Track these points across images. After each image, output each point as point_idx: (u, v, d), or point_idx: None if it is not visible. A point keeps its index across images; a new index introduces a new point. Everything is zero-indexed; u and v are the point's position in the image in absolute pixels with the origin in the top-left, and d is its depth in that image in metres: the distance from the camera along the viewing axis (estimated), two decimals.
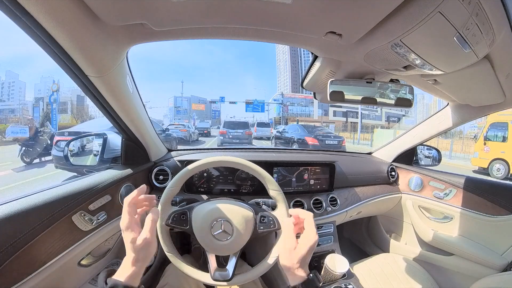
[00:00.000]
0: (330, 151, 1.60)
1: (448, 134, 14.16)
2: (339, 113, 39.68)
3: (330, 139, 9.56)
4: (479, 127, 11.53)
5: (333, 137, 10.05)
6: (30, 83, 79.83)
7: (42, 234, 0.59)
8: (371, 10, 0.47)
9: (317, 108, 39.76)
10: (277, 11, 0.50)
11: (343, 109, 38.46)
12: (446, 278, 1.24)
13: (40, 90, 65.75)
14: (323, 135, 9.71)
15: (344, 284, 1.02)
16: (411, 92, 0.78)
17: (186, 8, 0.49)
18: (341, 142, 9.77)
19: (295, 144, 9.47)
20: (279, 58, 76.47)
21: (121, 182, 0.88)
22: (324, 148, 8.13)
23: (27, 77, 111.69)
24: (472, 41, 0.50)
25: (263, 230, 0.74)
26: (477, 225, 1.16)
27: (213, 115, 68.66)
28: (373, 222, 1.73)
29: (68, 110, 42.07)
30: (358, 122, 25.18)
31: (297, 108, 41.49)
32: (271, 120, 29.29)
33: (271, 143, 12.80)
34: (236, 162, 0.73)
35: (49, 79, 63.77)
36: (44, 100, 30.59)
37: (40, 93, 62.50)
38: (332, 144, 9.35)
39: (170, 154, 1.20)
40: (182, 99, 61.70)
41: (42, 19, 0.44)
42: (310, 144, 8.86)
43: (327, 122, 33.39)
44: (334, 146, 9.30)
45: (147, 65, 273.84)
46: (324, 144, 9.05)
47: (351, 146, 16.06)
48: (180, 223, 0.72)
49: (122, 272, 0.50)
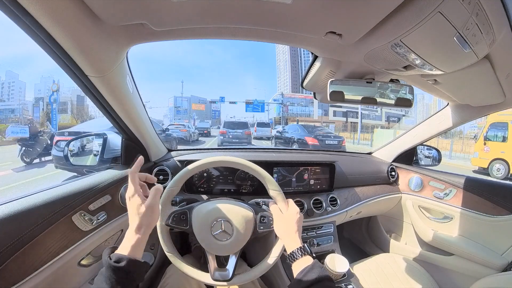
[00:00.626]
0: (330, 151, 1.60)
1: (448, 134, 14.11)
2: (339, 113, 39.71)
3: (330, 139, 9.66)
4: (479, 127, 11.44)
5: (333, 137, 10.15)
6: (30, 83, 79.87)
7: (42, 234, 0.59)
8: (371, 10, 0.47)
9: (317, 108, 39.76)
10: (277, 11, 0.50)
11: (343, 109, 38.43)
12: (446, 278, 1.24)
13: (40, 90, 65.79)
14: (323, 135, 9.82)
15: (344, 284, 1.02)
16: (411, 92, 0.78)
17: (186, 8, 0.49)
18: (341, 142, 9.85)
19: (295, 144, 9.60)
20: (279, 58, 76.33)
21: (121, 182, 0.88)
22: (324, 148, 8.25)
23: (27, 77, 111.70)
24: (472, 41, 0.50)
25: (263, 230, 0.74)
26: (477, 225, 1.16)
27: (213, 115, 68.71)
28: (373, 222, 1.73)
29: (68, 110, 41.99)
30: (358, 122, 25.17)
31: (297, 108, 41.51)
32: (271, 120, 29.32)
33: (271, 143, 12.91)
34: (237, 162, 0.73)
35: (49, 79, 63.78)
36: (44, 100, 30.48)
37: (40, 93, 62.56)
38: (332, 144, 9.45)
39: (170, 154, 1.20)
40: (182, 99, 61.51)
41: (42, 19, 0.43)
42: (310, 144, 8.98)
43: (327, 122, 33.39)
44: (334, 146, 9.39)
45: (147, 65, 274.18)
46: (324, 144, 9.16)
47: (351, 146, 16.11)
48: (180, 223, 0.72)
49: (126, 245, 0.53)
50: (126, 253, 0.51)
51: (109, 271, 0.48)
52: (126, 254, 0.51)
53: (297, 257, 0.61)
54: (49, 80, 62.38)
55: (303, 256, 0.60)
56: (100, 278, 0.48)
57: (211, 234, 0.70)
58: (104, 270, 0.49)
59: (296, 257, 0.61)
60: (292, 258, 0.62)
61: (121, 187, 0.89)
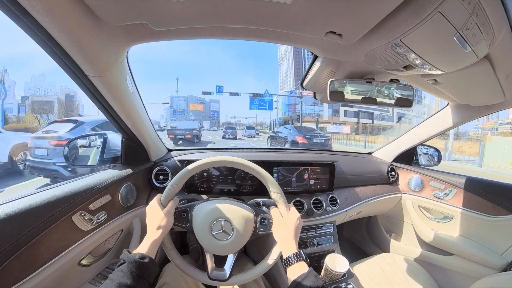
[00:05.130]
0: (330, 151, 1.60)
1: (463, 135, 12.79)
2: (350, 113, 36.58)
3: (317, 138, 10.96)
4: (484, 128, 10.81)
5: (320, 136, 11.48)
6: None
7: (42, 234, 0.59)
8: (371, 10, 0.47)
9: (327, 107, 36.73)
10: (277, 11, 0.50)
11: (355, 109, 35.18)
12: (446, 278, 1.24)
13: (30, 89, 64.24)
14: (311, 135, 11.07)
15: (344, 284, 1.02)
16: (411, 92, 0.78)
17: (186, 8, 0.49)
18: (328, 141, 11.16)
19: (288, 143, 10.80)
20: (281, 56, 74.97)
21: (121, 182, 0.89)
22: (312, 145, 10.10)
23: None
24: (472, 41, 0.50)
25: (263, 232, 0.74)
26: (477, 225, 1.16)
27: (212, 115, 67.88)
28: (373, 222, 1.73)
29: (55, 110, 39.96)
30: (370, 124, 22.78)
31: (305, 108, 36.54)
32: (279, 121, 29.00)
33: (267, 143, 14.06)
34: (238, 162, 0.73)
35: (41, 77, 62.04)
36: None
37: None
38: (319, 142, 10.76)
39: (170, 154, 1.20)
40: (177, 98, 58.97)
41: (42, 19, 0.43)
42: (300, 142, 10.30)
43: (337, 123, 29.82)
44: (321, 144, 10.74)
45: (146, 65, 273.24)
46: (312, 142, 10.43)
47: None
48: (181, 221, 0.72)
49: (145, 244, 0.61)
50: (145, 251, 0.58)
51: (133, 267, 0.53)
52: (145, 253, 0.57)
53: (292, 262, 0.62)
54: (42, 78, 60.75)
55: (298, 261, 0.62)
56: (120, 274, 0.51)
57: (211, 234, 0.70)
58: (125, 266, 0.53)
59: (291, 262, 0.62)
60: (287, 263, 0.63)
61: (121, 187, 0.89)
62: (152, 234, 0.63)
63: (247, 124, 28.13)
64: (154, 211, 0.67)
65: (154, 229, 0.64)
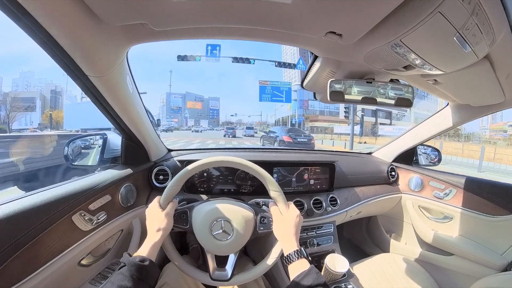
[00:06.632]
0: (331, 151, 1.60)
1: (474, 137, 12.07)
2: (368, 111, 31.21)
3: (300, 137, 12.12)
4: (492, 129, 10.34)
5: (303, 135, 12.74)
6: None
7: (42, 234, 0.59)
8: (371, 10, 0.47)
9: (343, 105, 33.88)
10: (277, 11, 0.50)
11: (373, 107, 29.29)
12: (446, 278, 1.24)
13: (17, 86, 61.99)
14: (295, 134, 12.31)
15: (344, 284, 1.02)
16: (411, 92, 0.78)
17: (186, 8, 0.49)
18: (311, 140, 12.34)
19: (276, 142, 12.22)
20: (285, 51, 73.52)
21: (121, 182, 0.88)
22: (297, 144, 11.21)
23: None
24: (472, 41, 0.50)
25: (263, 231, 0.74)
26: (477, 225, 1.16)
27: (211, 114, 66.21)
28: (373, 222, 1.73)
29: (37, 108, 36.58)
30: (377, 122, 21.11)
31: (318, 104, 31.84)
32: (295, 119, 28.83)
33: (260, 142, 15.00)
34: (237, 162, 0.73)
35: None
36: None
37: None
38: (302, 141, 11.79)
39: (170, 154, 1.20)
40: (173, 95, 55.62)
41: (42, 19, 0.43)
42: (285, 141, 11.57)
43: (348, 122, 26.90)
44: (304, 143, 11.71)
45: (145, 64, 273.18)
46: (296, 141, 11.61)
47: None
48: (181, 222, 0.72)
49: (145, 247, 0.60)
50: (145, 254, 0.58)
51: (133, 270, 0.52)
52: (145, 256, 0.57)
53: (293, 260, 0.62)
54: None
55: (299, 259, 0.62)
56: (120, 277, 0.51)
57: (211, 234, 0.69)
58: (126, 269, 0.52)
59: (292, 260, 0.62)
60: (288, 260, 0.63)
61: (121, 187, 0.89)
62: (152, 237, 0.63)
63: (247, 124, 31.18)
64: (154, 213, 0.67)
65: (154, 232, 0.64)
